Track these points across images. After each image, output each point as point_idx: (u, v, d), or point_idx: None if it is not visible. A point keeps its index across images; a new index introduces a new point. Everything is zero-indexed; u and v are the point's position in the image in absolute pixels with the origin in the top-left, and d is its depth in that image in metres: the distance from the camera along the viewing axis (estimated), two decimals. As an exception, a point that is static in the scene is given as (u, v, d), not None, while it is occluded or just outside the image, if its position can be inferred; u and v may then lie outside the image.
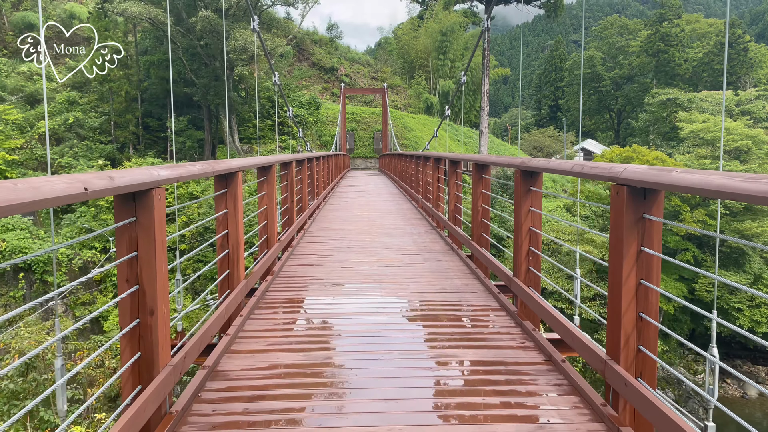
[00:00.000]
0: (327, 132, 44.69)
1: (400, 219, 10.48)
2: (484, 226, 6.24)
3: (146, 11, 28.16)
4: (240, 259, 4.47)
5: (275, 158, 6.33)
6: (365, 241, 7.92)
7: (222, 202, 4.40)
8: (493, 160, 5.55)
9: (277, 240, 6.36)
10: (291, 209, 7.93)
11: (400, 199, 14.85)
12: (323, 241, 8.07)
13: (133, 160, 33.81)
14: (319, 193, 13.02)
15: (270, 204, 6.15)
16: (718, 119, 38.21)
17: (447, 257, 6.78)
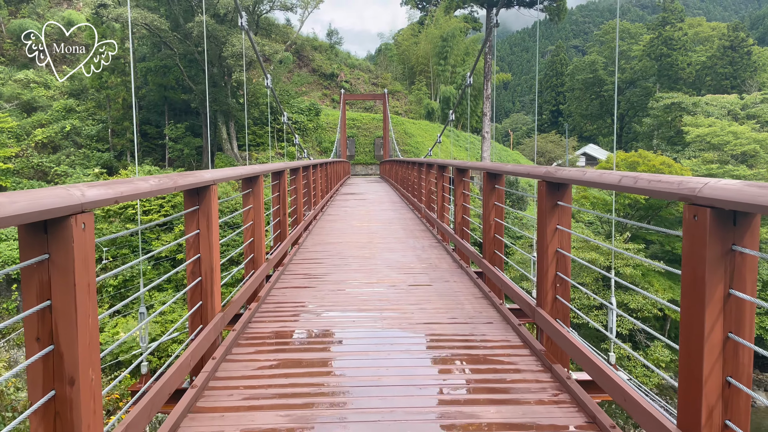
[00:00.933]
0: (327, 138, 44.10)
1: (403, 231, 9.78)
2: (497, 242, 5.55)
3: (142, 16, 27.59)
4: (215, 288, 3.79)
5: (263, 168, 5.66)
6: (365, 257, 7.23)
7: (193, 222, 3.72)
8: (509, 170, 4.86)
9: (265, 259, 5.67)
10: (283, 223, 7.25)
11: (402, 208, 14.16)
12: (319, 257, 7.38)
13: (129, 168, 33.19)
14: (317, 203, 12.35)
15: (257, 219, 5.47)
16: (724, 123, 37.55)
17: (455, 277, 6.09)
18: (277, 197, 7.21)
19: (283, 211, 7.25)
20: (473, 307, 4.87)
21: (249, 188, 5.42)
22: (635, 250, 26.35)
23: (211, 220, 3.74)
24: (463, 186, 7.28)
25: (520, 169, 4.50)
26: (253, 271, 5.45)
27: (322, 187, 14.16)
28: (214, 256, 3.79)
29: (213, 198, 3.78)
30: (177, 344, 21.49)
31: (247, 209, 5.42)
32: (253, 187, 5.44)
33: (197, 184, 3.53)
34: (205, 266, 3.76)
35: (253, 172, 5.25)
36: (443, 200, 9.07)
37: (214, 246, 3.78)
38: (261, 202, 5.50)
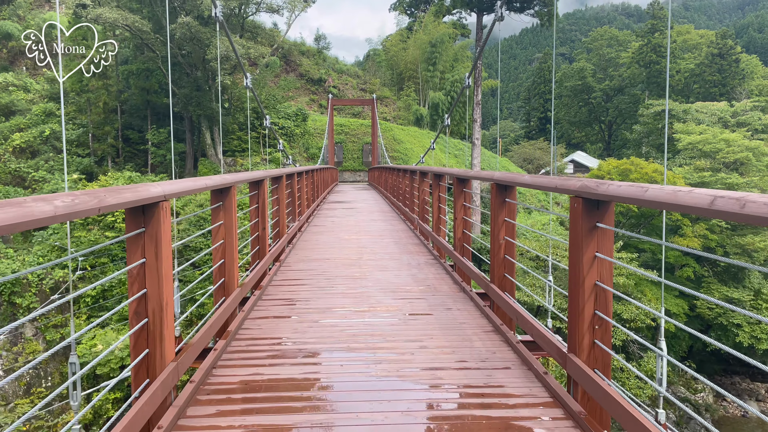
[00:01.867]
0: (314, 144, 43.28)
1: (395, 245, 9.00)
2: (508, 264, 4.79)
3: (122, 17, 26.63)
4: (165, 332, 2.98)
5: (236, 177, 4.85)
6: (354, 277, 6.43)
7: (136, 248, 2.92)
8: (525, 182, 4.09)
9: (238, 284, 4.85)
10: (263, 238, 6.43)
11: (393, 218, 13.38)
12: (302, 277, 6.57)
13: (109, 174, 32.11)
14: (303, 213, 11.54)
15: (228, 237, 4.67)
16: (716, 130, 37.25)
17: (458, 303, 5.31)
18: (255, 209, 6.40)
19: (263, 225, 6.44)
20: (484, 344, 4.09)
21: (219, 201, 4.62)
22: (627, 259, 25.79)
23: (161, 246, 2.94)
24: (464, 198, 6.52)
25: (541, 181, 3.73)
26: (224, 298, 4.65)
27: (308, 196, 13.35)
28: (165, 291, 2.99)
29: (164, 217, 2.98)
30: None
31: (217, 226, 4.62)
32: (224, 200, 4.64)
33: (140, 201, 2.73)
34: (153, 304, 2.95)
35: (223, 183, 4.45)
36: (439, 212, 8.31)
37: (164, 278, 2.97)
38: (233, 217, 4.69)
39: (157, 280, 2.95)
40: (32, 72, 49.61)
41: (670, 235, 33.23)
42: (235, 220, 4.73)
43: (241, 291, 4.96)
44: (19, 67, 50.11)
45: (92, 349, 24.94)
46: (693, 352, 28.64)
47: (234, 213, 4.71)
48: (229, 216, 4.67)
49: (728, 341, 27.49)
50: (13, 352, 26.98)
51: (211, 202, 4.66)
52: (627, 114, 71.92)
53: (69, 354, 10.33)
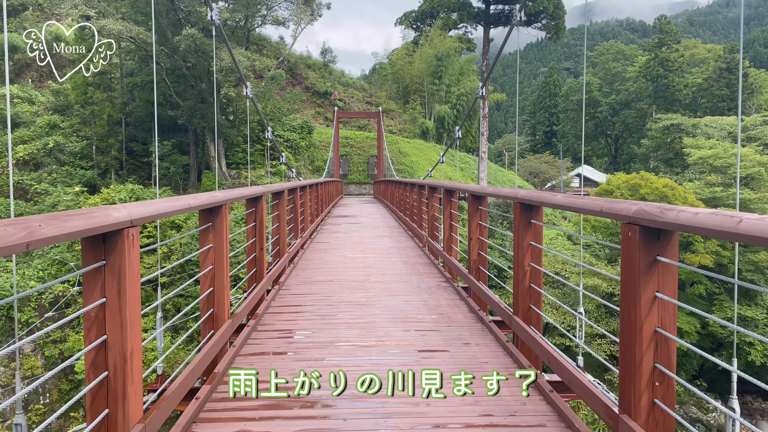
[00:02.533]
0: (320, 157, 42.89)
1: (403, 264, 8.44)
2: (535, 295, 4.23)
3: (127, 29, 26.36)
4: (130, 391, 2.43)
5: (228, 195, 4.32)
6: (359, 303, 5.87)
7: (95, 286, 2.39)
8: (558, 202, 3.54)
9: (228, 316, 4.31)
10: (260, 260, 5.89)
11: (400, 234, 12.83)
12: (303, 303, 6.01)
13: (111, 187, 31.71)
14: (306, 228, 11.01)
15: (218, 263, 4.13)
16: (726, 145, 36.65)
17: (477, 336, 4.73)
18: (253, 228, 5.86)
19: (260, 246, 5.90)
20: (511, 392, 3.51)
21: (208, 222, 4.09)
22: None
23: (125, 282, 2.40)
24: (479, 216, 5.97)
25: (582, 203, 3.18)
26: (213, 332, 4.10)
27: (312, 211, 12.83)
28: (130, 338, 2.45)
29: (130, 247, 2.45)
30: None
31: (205, 250, 4.08)
32: (214, 221, 4.11)
33: (97, 229, 2.20)
34: (114, 354, 2.41)
35: (212, 202, 3.92)
36: (451, 230, 7.76)
37: (129, 321, 2.43)
38: (224, 239, 4.16)
39: (119, 324, 2.41)
40: (38, 84, 49.61)
41: (682, 252, 32.57)
42: (226, 243, 4.19)
43: (233, 322, 4.41)
44: (24, 80, 50.13)
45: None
46: (704, 371, 28.03)
47: (225, 235, 4.18)
48: (220, 238, 4.14)
49: (740, 360, 26.99)
50: (11, 368, 26.50)
51: (199, 223, 4.13)
52: (633, 128, 71.41)
53: (67, 371, 9.59)
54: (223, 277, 4.16)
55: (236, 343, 4.44)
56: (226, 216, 4.20)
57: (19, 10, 54.67)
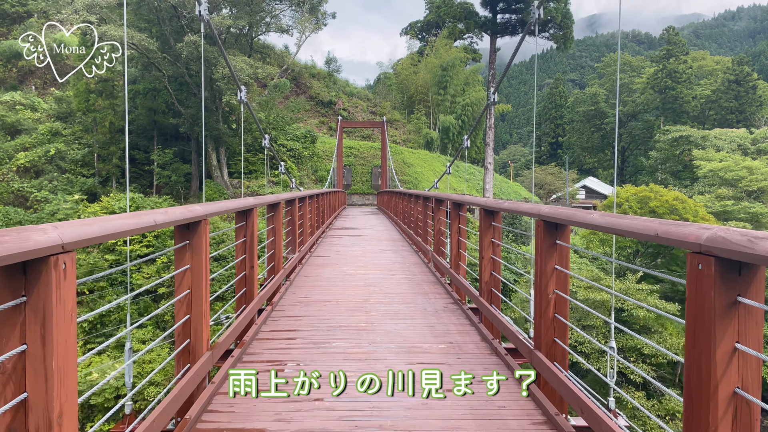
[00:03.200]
0: (323, 167, 42.46)
1: (407, 283, 7.87)
2: (560, 328, 3.67)
3: (129, 36, 26.02)
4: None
5: (210, 208, 3.77)
6: (359, 328, 5.30)
7: (11, 333, 1.84)
8: (594, 222, 2.97)
9: (208, 347, 3.75)
10: (250, 279, 5.34)
11: (404, 248, 12.26)
12: (296, 327, 5.45)
13: (111, 195, 31.29)
14: (305, 242, 10.46)
15: (196, 287, 3.59)
16: (737, 158, 36.05)
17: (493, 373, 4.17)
18: (243, 244, 5.32)
19: (251, 263, 5.35)
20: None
21: (184, 240, 3.55)
22: (647, 291, 24.47)
23: (52, 325, 1.86)
24: (492, 232, 5.41)
25: (629, 224, 2.61)
26: (189, 366, 3.55)
27: (313, 223, 12.29)
28: (58, 397, 1.90)
29: (60, 281, 1.90)
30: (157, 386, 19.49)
31: (181, 272, 3.54)
32: (192, 239, 3.57)
33: (12, 257, 1.66)
34: (36, 418, 1.86)
35: (189, 217, 3.38)
36: (459, 246, 7.20)
37: (56, 374, 1.89)
38: (203, 259, 3.61)
39: (44, 378, 1.86)
40: (41, 91, 49.44)
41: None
42: (205, 264, 3.65)
43: (213, 354, 3.85)
44: (28, 87, 49.96)
45: (87, 377, 23.82)
46: None
47: (204, 255, 3.63)
48: (198, 259, 3.59)
49: None
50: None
51: (174, 241, 3.58)
52: (640, 140, 70.87)
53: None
54: (202, 303, 3.61)
55: (216, 378, 3.88)
56: (205, 233, 3.66)
57: (24, 17, 54.66)
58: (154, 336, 23.69)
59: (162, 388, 21.29)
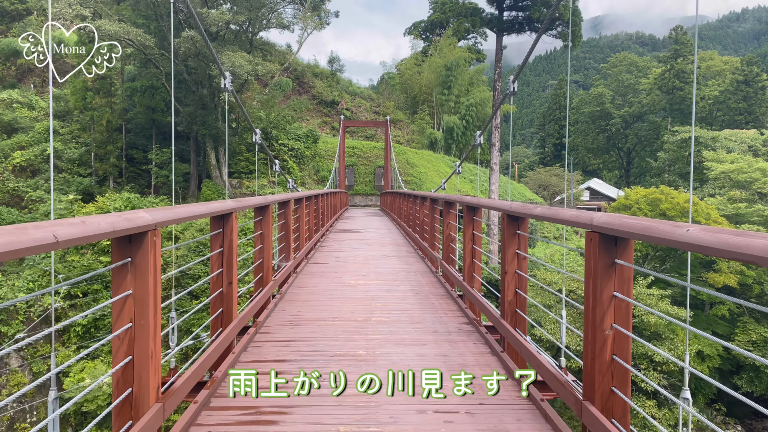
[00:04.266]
0: (325, 167, 41.60)
1: (414, 296, 6.96)
2: (620, 375, 2.77)
3: (124, 31, 25.15)
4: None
5: (169, 213, 2.88)
6: (357, 358, 4.40)
7: None
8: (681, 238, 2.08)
9: (159, 396, 2.86)
10: (227, 298, 4.45)
11: (409, 254, 11.35)
12: (282, 357, 4.54)
13: (107, 195, 30.44)
14: (301, 247, 9.57)
15: (140, 318, 2.70)
16: (749, 159, 35.05)
17: (527, 425, 3.27)
18: (219, 256, 4.43)
19: (228, 278, 4.46)
20: None
21: (125, 258, 2.66)
22: (658, 296, 23.66)
23: None
24: (517, 242, 4.52)
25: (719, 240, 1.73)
26: (130, 424, 2.66)
27: (311, 226, 11.40)
28: None
29: None
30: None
31: (120, 300, 2.65)
32: (134, 256, 2.68)
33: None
34: None
35: (127, 228, 2.49)
36: (473, 255, 6.30)
37: None
38: (151, 282, 2.72)
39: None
40: (40, 90, 48.74)
41: (704, 270, 31.14)
42: (154, 288, 2.76)
43: (164, 407, 2.95)
44: (26, 85, 49.27)
45: (80, 382, 23.03)
46: (722, 394, 26.76)
47: (154, 275, 2.74)
48: (143, 282, 2.71)
49: (761, 383, 25.84)
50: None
51: (112, 258, 2.70)
52: (647, 141, 69.79)
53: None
54: (148, 341, 2.72)
55: (182, 424, 2.99)
56: (155, 248, 2.77)
57: (23, 15, 54.01)
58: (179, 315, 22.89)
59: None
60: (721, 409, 26.40)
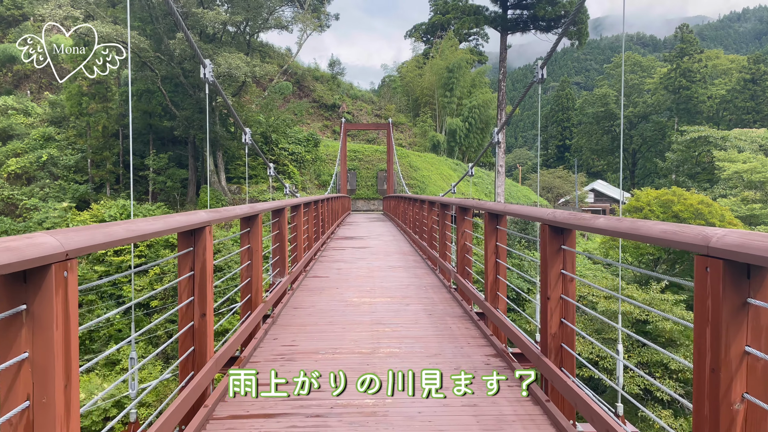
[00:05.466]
0: (326, 171, 40.73)
1: (427, 318, 6.03)
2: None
3: (117, 33, 24.31)
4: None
5: (77, 237, 1.97)
6: (364, 411, 3.45)
7: None
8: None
9: None
10: (200, 335, 3.54)
11: (417, 264, 10.42)
12: (268, 410, 3.62)
13: (102, 202, 29.56)
14: (299, 258, 8.65)
15: (40, 377, 1.78)
16: (763, 158, 34.08)
17: None
18: (189, 280, 3.51)
19: (201, 310, 3.54)
20: None
21: (18, 304, 1.75)
22: (673, 300, 22.70)
23: None
24: (561, 261, 3.57)
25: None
26: None
27: (310, 234, 10.49)
28: None
29: None
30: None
31: (11, 368, 1.74)
32: (30, 305, 1.77)
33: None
34: None
35: (14, 260, 1.58)
36: (497, 270, 5.38)
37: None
38: (60, 336, 1.81)
39: None
40: (36, 96, 47.95)
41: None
42: (65, 347, 1.85)
43: None
44: (23, 91, 48.53)
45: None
46: None
47: (66, 330, 1.84)
48: (45, 332, 1.80)
49: None
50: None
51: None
52: (652, 142, 68.81)
53: None
54: (45, 418, 1.80)
55: None
56: (64, 288, 1.86)
57: (19, 21, 53.35)
58: (146, 352, 21.86)
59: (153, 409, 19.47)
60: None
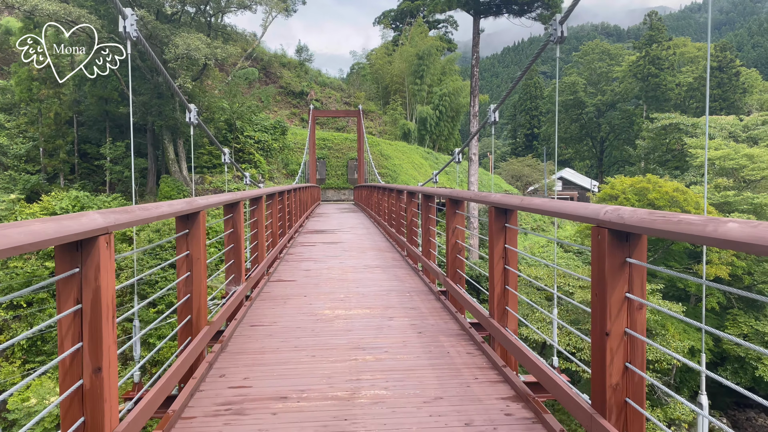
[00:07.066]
0: (294, 160, 39.27)
1: (417, 337, 4.89)
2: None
3: (64, 10, 22.39)
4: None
5: None
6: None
7: None
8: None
9: None
10: (98, 389, 2.30)
11: (396, 262, 9.28)
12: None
13: (53, 194, 27.62)
14: (259, 260, 7.41)
15: None
16: (738, 146, 33.86)
17: None
18: (75, 316, 2.27)
19: (95, 364, 2.30)
20: None
21: None
22: (649, 290, 22.24)
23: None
24: (629, 279, 2.46)
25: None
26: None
27: (274, 230, 9.23)
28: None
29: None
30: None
31: None
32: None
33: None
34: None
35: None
36: (504, 280, 4.25)
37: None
38: None
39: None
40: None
41: (692, 262, 30.00)
42: None
43: None
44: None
45: (24, 403, 20.52)
46: (705, 386, 25.74)
47: None
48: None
49: (746, 375, 25.11)
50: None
51: None
52: (620, 129, 68.93)
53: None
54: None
55: None
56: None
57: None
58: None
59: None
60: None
